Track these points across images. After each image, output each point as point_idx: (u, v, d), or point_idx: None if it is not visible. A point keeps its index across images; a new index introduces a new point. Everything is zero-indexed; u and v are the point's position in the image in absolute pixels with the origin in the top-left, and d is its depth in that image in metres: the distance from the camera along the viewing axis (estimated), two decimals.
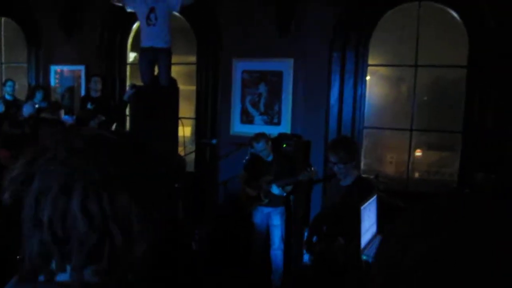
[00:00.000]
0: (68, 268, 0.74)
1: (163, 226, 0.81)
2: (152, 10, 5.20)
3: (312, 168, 4.62)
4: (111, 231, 0.72)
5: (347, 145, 3.67)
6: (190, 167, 6.44)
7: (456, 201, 0.59)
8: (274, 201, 4.86)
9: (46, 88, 7.08)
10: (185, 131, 5.78)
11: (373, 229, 3.38)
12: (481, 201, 0.57)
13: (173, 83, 5.75)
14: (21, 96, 7.20)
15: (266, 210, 4.92)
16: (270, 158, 4.91)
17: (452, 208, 0.58)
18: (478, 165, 5.19)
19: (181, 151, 5.84)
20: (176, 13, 6.28)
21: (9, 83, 6.97)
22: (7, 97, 6.94)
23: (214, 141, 6.03)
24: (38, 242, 0.73)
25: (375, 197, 3.40)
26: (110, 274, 0.74)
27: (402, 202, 4.41)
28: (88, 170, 0.73)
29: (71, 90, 7.23)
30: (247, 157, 5.27)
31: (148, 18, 5.23)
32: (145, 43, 5.41)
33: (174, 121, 5.54)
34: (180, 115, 5.72)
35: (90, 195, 0.72)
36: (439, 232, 0.53)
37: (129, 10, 5.53)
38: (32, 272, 0.75)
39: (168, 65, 5.56)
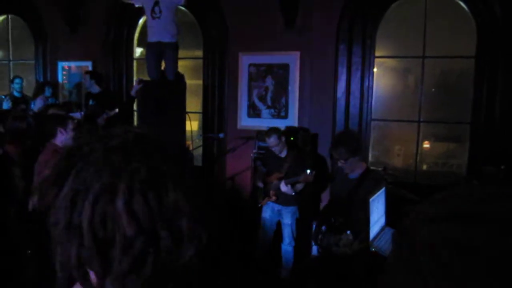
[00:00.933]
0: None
1: (209, 226, 0.74)
2: (156, 3, 5.23)
3: (308, 172, 4.45)
4: (159, 233, 0.66)
5: (347, 141, 3.64)
6: (198, 161, 6.46)
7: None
8: (285, 199, 4.74)
9: (54, 84, 7.12)
10: (192, 125, 5.79)
11: (382, 221, 3.38)
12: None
13: (180, 77, 5.76)
14: (29, 93, 7.25)
15: (277, 207, 4.84)
16: (283, 154, 4.82)
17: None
18: (486, 157, 5.16)
19: (188, 145, 5.86)
20: (182, 7, 6.30)
21: (17, 80, 7.02)
22: (16, 94, 6.99)
23: (221, 135, 6.05)
24: (76, 248, 0.66)
25: (383, 189, 3.40)
26: (151, 283, 0.67)
27: (410, 194, 4.40)
28: (132, 167, 0.67)
29: (79, 86, 7.27)
30: (255, 151, 5.26)
31: (153, 11, 5.27)
32: (151, 38, 5.44)
33: (181, 115, 5.55)
34: (187, 109, 5.73)
35: (136, 195, 0.65)
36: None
37: (137, 5, 5.56)
38: (65, 282, 0.69)
39: (175, 60, 5.57)
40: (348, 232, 3.40)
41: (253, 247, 5.01)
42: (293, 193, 4.62)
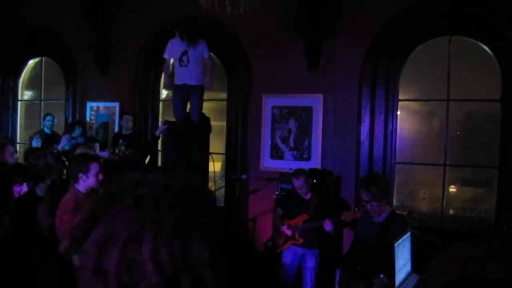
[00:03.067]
0: None
1: (234, 275, 0.76)
2: (184, 53, 5.47)
3: (356, 210, 4.37)
4: (181, 282, 0.67)
5: (378, 182, 3.62)
6: (220, 202, 6.45)
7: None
8: (309, 242, 4.65)
9: (84, 124, 7.31)
10: (215, 166, 5.82)
11: (408, 267, 3.28)
12: None
13: (205, 119, 5.85)
14: (59, 131, 7.46)
15: (301, 251, 4.72)
16: (308, 197, 4.77)
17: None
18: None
19: (211, 186, 5.87)
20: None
21: (48, 118, 7.25)
22: (46, 130, 7.20)
23: (244, 176, 6.05)
24: None
25: (409, 233, 3.32)
26: None
27: (437, 239, 4.28)
28: (159, 217, 0.70)
29: (106, 126, 7.45)
30: (277, 192, 5.22)
31: (181, 59, 5.49)
32: (178, 81, 5.62)
33: (205, 156, 5.60)
34: (211, 150, 5.78)
35: (161, 244, 0.68)
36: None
37: (167, 57, 5.75)
38: None
39: (200, 101, 5.69)
40: (382, 275, 3.30)
41: None
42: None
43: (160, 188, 0.76)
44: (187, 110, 5.80)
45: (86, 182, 3.38)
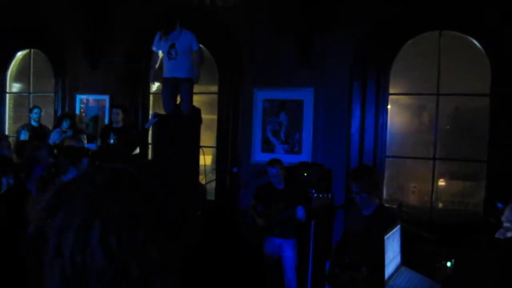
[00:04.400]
0: None
1: (182, 261, 0.82)
2: (172, 46, 5.41)
3: (329, 195, 4.51)
4: (129, 265, 0.74)
5: (370, 174, 3.64)
6: (211, 196, 6.45)
7: None
8: (285, 232, 4.76)
9: (73, 117, 7.25)
10: (206, 159, 5.81)
11: (397, 260, 3.31)
12: None
13: (196, 112, 5.82)
14: (48, 124, 7.39)
15: (278, 241, 4.83)
16: (281, 187, 4.85)
17: None
18: (503, 195, 5.07)
19: (202, 179, 5.86)
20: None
21: (35, 110, 7.17)
22: (33, 123, 7.12)
23: (235, 170, 6.05)
24: (59, 273, 0.74)
25: (398, 227, 3.34)
26: None
27: (426, 233, 4.32)
28: (109, 205, 0.76)
29: (96, 119, 7.39)
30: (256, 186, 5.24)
31: (169, 53, 5.43)
32: (167, 74, 5.57)
33: (195, 149, 5.58)
34: (201, 143, 5.77)
35: (109, 230, 0.74)
36: None
37: (155, 50, 5.69)
38: None
39: (190, 94, 5.65)
40: (363, 268, 3.33)
41: (262, 283, 4.93)
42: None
43: (117, 176, 0.82)
44: (177, 103, 5.77)
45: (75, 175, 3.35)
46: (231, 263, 5.39)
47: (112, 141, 6.13)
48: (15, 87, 8.42)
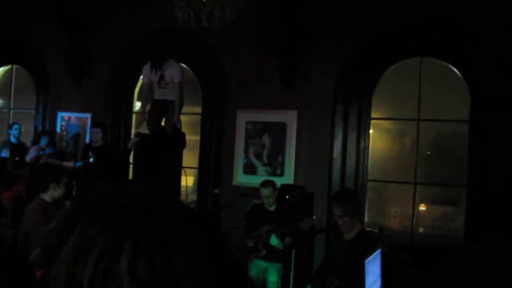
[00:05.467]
0: None
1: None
2: (161, 77, 5.43)
3: (314, 217, 4.53)
4: None
5: (352, 198, 3.65)
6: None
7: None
8: (272, 256, 4.69)
9: (52, 134, 7.14)
10: (187, 180, 5.76)
11: (378, 284, 3.29)
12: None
13: (180, 134, 5.78)
14: (28, 141, 7.27)
15: (263, 264, 4.77)
16: (273, 208, 4.85)
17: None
18: (483, 220, 5.12)
19: (183, 200, 5.80)
20: (183, 65, 6.50)
21: (15, 126, 7.04)
22: (13, 139, 6.98)
23: (216, 191, 6.00)
24: None
25: (379, 251, 3.33)
26: None
27: (407, 257, 4.32)
28: (139, 228, 0.66)
29: (77, 137, 7.30)
30: (249, 208, 5.22)
31: (159, 83, 5.47)
32: (157, 97, 5.56)
33: (177, 170, 5.54)
34: (184, 164, 5.72)
35: (140, 256, 0.63)
36: None
37: (145, 81, 5.67)
38: None
39: (176, 116, 5.62)
40: None
41: None
42: (281, 247, 4.62)
43: (143, 197, 0.71)
44: (162, 124, 5.74)
45: (55, 192, 3.31)
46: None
47: (91, 160, 6.04)
48: None
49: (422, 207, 5.97)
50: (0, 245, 2.96)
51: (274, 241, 4.58)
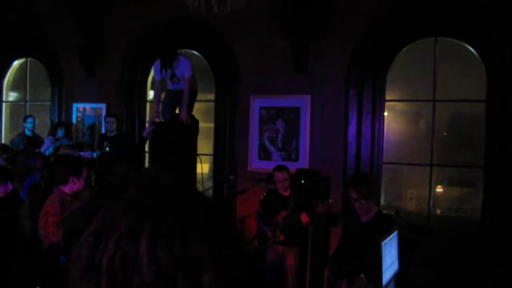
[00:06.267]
0: None
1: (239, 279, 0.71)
2: (173, 75, 5.42)
3: (330, 200, 4.53)
4: (178, 282, 0.63)
5: (368, 181, 3.65)
6: None
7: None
8: (289, 240, 4.72)
9: (68, 125, 7.23)
10: (203, 167, 5.79)
11: (395, 266, 3.29)
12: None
13: (194, 122, 5.81)
14: (44, 133, 7.36)
15: (281, 249, 4.78)
16: (287, 193, 4.86)
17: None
18: (501, 201, 5.07)
19: (198, 187, 5.84)
20: (195, 52, 6.50)
21: (29, 119, 7.13)
22: (28, 133, 7.08)
23: (231, 177, 6.03)
24: (94, 287, 0.63)
25: (396, 233, 3.33)
26: None
27: (424, 239, 4.31)
28: (160, 211, 0.66)
29: (93, 128, 7.38)
30: (264, 193, 5.24)
31: (171, 79, 5.47)
32: (171, 87, 5.58)
33: (192, 157, 5.57)
34: (198, 151, 5.75)
35: (160, 240, 0.63)
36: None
37: (158, 78, 5.64)
38: None
39: (191, 103, 5.63)
40: (362, 275, 3.31)
41: None
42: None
43: (165, 182, 0.72)
44: (176, 112, 5.76)
45: (75, 185, 3.33)
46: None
47: (107, 149, 6.11)
48: (12, 96, 8.41)
49: (439, 189, 5.92)
50: (19, 235, 3.02)
51: (304, 218, 4.57)
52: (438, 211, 5.91)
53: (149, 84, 7.17)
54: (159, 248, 0.63)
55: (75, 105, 7.47)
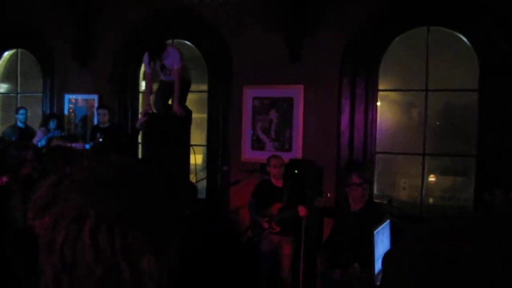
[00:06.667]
0: None
1: (177, 266, 0.77)
2: (163, 66, 5.38)
3: (329, 195, 4.54)
4: (119, 265, 0.69)
5: (367, 167, 3.67)
6: (202, 194, 6.43)
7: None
8: (284, 229, 4.75)
9: (60, 117, 7.18)
10: (196, 158, 5.78)
11: None
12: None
13: (187, 112, 5.79)
14: (36, 124, 7.32)
15: (276, 238, 4.81)
16: (280, 184, 4.88)
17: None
18: (493, 189, 5.10)
19: (192, 178, 5.84)
20: (188, 42, 6.47)
21: (21, 111, 7.08)
22: (20, 124, 7.04)
23: (225, 168, 6.03)
24: (50, 267, 0.71)
25: (388, 221, 3.35)
26: None
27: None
28: (104, 200, 0.72)
29: (85, 119, 7.34)
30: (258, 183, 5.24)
31: (162, 71, 5.45)
32: (163, 78, 5.55)
33: (186, 148, 5.56)
34: (192, 142, 5.74)
35: (102, 226, 0.70)
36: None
37: (148, 70, 5.60)
38: None
39: (183, 95, 5.61)
40: (356, 264, 3.34)
41: (255, 283, 4.92)
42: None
43: (117, 170, 0.78)
44: (169, 102, 5.74)
45: None
46: (224, 261, 5.39)
47: (100, 140, 6.09)
48: (3, 87, 8.34)
49: (432, 178, 5.96)
50: (12, 227, 3.02)
51: (302, 211, 4.59)
52: (430, 200, 5.95)
53: (141, 75, 7.13)
54: (100, 233, 0.69)
55: (67, 97, 7.42)
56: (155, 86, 5.73)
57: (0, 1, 7.54)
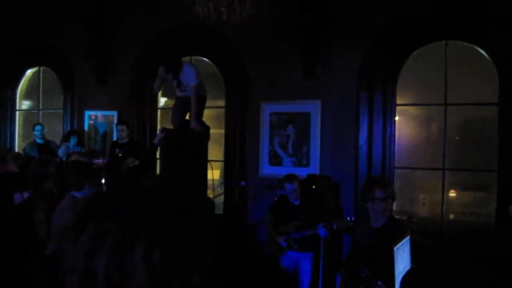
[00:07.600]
0: None
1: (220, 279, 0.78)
2: (179, 82, 5.43)
3: (349, 219, 4.41)
4: (171, 284, 0.68)
5: (389, 182, 3.64)
6: (219, 210, 6.43)
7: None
8: (303, 246, 4.70)
9: (80, 133, 7.30)
10: (214, 174, 5.80)
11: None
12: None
13: (205, 128, 5.82)
14: (57, 140, 7.46)
15: (295, 255, 4.77)
16: (298, 202, 4.82)
17: None
18: None
19: (210, 193, 5.85)
20: (205, 59, 6.54)
21: (37, 128, 7.24)
22: (38, 140, 7.18)
23: (242, 183, 6.03)
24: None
25: (408, 238, 3.30)
26: None
27: (437, 244, 4.25)
28: (154, 220, 0.71)
29: (104, 135, 7.45)
30: (275, 199, 5.22)
31: (177, 86, 5.48)
32: (179, 94, 5.59)
33: (203, 164, 5.59)
34: (209, 158, 5.77)
35: (155, 246, 0.68)
36: None
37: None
38: None
39: (199, 111, 5.63)
40: (379, 282, 3.28)
41: None
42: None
43: (158, 192, 0.77)
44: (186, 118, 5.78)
45: (88, 191, 3.34)
46: (242, 277, 5.36)
47: (120, 155, 6.16)
48: (25, 104, 8.53)
49: (452, 193, 5.86)
50: (34, 240, 3.05)
51: (323, 232, 4.50)
52: (451, 216, 5.85)
53: (160, 92, 7.21)
54: (155, 255, 0.68)
55: (87, 113, 7.55)
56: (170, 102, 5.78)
57: (22, 20, 7.75)
